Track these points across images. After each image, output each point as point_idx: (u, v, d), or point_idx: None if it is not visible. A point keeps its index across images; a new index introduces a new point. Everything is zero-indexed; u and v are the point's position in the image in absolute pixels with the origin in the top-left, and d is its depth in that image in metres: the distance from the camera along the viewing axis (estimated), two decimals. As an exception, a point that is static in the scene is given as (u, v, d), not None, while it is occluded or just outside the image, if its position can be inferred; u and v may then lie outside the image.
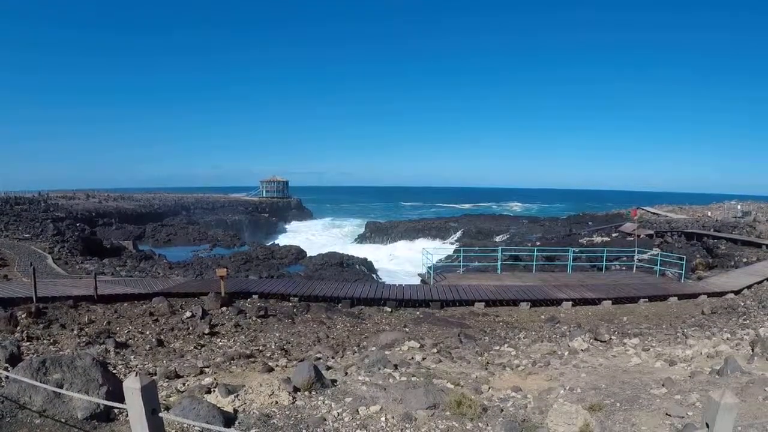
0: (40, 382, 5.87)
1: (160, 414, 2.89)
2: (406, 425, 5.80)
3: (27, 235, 41.51)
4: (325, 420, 5.87)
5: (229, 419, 5.75)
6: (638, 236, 40.87)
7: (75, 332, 14.00)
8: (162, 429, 2.87)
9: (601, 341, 13.47)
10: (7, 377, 6.04)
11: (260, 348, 13.47)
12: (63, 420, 5.67)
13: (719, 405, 3.06)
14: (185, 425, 5.35)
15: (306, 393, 6.76)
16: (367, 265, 47.74)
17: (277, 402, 6.30)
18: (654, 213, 67.22)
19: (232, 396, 6.50)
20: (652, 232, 46.20)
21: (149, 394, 2.74)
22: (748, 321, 16.36)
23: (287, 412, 6.05)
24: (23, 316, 14.83)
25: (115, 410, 5.71)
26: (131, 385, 2.71)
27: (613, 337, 14.05)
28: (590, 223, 62.35)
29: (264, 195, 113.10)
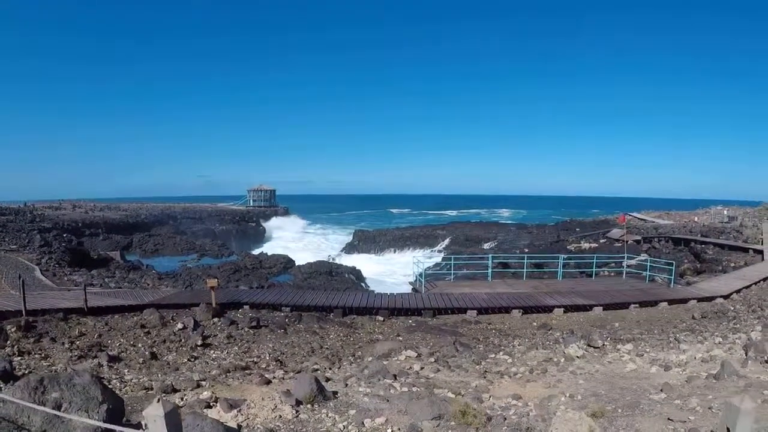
0: (38, 401, 5.79)
1: (183, 441, 2.84)
2: (413, 437, 5.78)
3: (14, 247, 41.20)
4: (330, 433, 5.85)
5: (233, 435, 5.71)
6: (626, 242, 40.98)
7: (66, 346, 13.83)
8: (184, 455, 2.82)
9: (594, 347, 13.49)
10: (3, 401, 5.97)
11: (255, 359, 13.40)
12: (63, 441, 5.59)
13: (739, 410, 3.08)
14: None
15: (308, 406, 6.73)
16: (356, 273, 47.75)
17: (280, 416, 6.27)
18: (641, 219, 67.56)
19: (235, 411, 6.45)
20: (639, 237, 46.40)
21: (172, 421, 2.68)
22: (738, 325, 16.43)
23: (291, 426, 6.02)
24: (13, 330, 14.60)
25: (116, 430, 5.64)
26: (154, 413, 2.66)
27: (606, 343, 14.09)
28: (578, 229, 62.48)
29: (251, 204, 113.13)
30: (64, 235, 55.89)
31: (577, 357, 12.07)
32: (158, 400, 2.79)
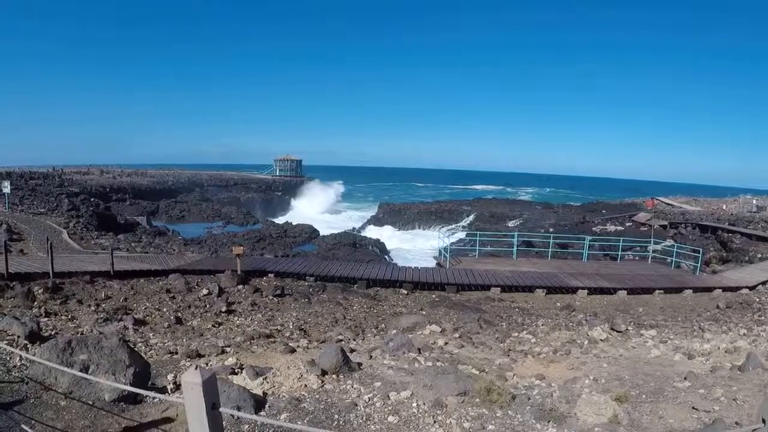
0: (66, 362, 5.85)
1: (221, 409, 2.83)
2: (438, 411, 5.78)
3: (42, 210, 41.66)
4: (356, 405, 5.87)
5: (259, 402, 5.74)
6: (652, 226, 40.60)
7: (92, 308, 14.01)
8: (221, 424, 2.81)
9: (618, 332, 13.42)
10: (32, 361, 6.03)
11: (278, 328, 13.48)
12: (90, 402, 5.63)
13: (777, 401, 3.03)
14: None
15: (334, 376, 6.77)
16: (380, 246, 47.83)
17: (306, 385, 6.30)
18: (668, 204, 66.56)
19: (261, 378, 6.49)
20: (666, 223, 45.79)
21: (210, 388, 2.66)
22: (763, 317, 16.22)
23: (317, 396, 6.06)
24: (40, 291, 14.78)
25: (143, 393, 5.68)
26: (191, 380, 2.63)
27: (629, 328, 14.00)
28: (604, 211, 61.83)
29: (277, 173, 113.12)
30: (92, 199, 56.46)
31: (601, 340, 12.02)
32: (196, 367, 2.77)
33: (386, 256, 45.19)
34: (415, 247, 54.40)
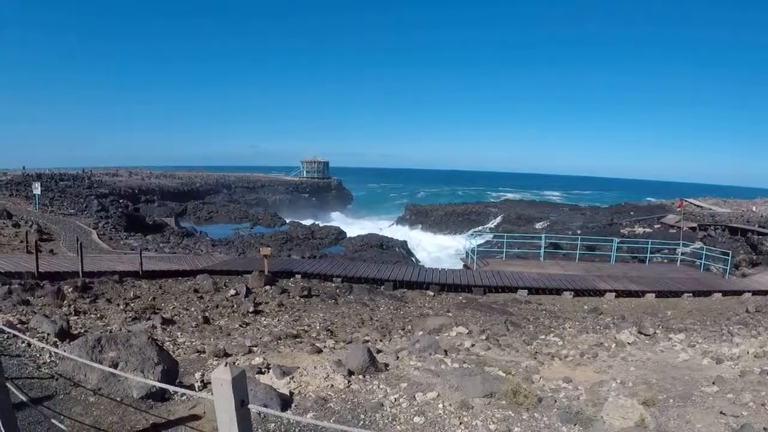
0: (96, 360, 5.92)
1: (249, 405, 2.87)
2: (464, 413, 5.78)
3: (72, 211, 42.31)
4: (382, 405, 5.89)
5: (285, 402, 5.78)
6: (681, 229, 40.20)
7: (121, 307, 14.16)
8: (249, 420, 2.85)
9: (645, 335, 13.29)
10: (63, 358, 6.11)
11: (305, 328, 13.53)
12: (118, 399, 5.68)
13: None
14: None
15: (360, 377, 6.79)
16: (407, 247, 47.89)
17: (332, 385, 6.33)
18: (697, 205, 65.82)
19: (288, 378, 6.53)
20: (695, 225, 45.31)
21: (239, 385, 2.70)
22: (794, 322, 15.98)
23: (343, 396, 6.08)
24: (70, 290, 14.98)
25: (170, 389, 5.73)
26: (221, 376, 2.67)
27: (657, 331, 13.85)
28: (632, 213, 61.29)
29: (305, 175, 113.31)
30: (121, 200, 57.35)
31: (628, 343, 11.93)
32: (225, 364, 2.82)
33: (413, 258, 45.25)
34: (442, 248, 54.37)
